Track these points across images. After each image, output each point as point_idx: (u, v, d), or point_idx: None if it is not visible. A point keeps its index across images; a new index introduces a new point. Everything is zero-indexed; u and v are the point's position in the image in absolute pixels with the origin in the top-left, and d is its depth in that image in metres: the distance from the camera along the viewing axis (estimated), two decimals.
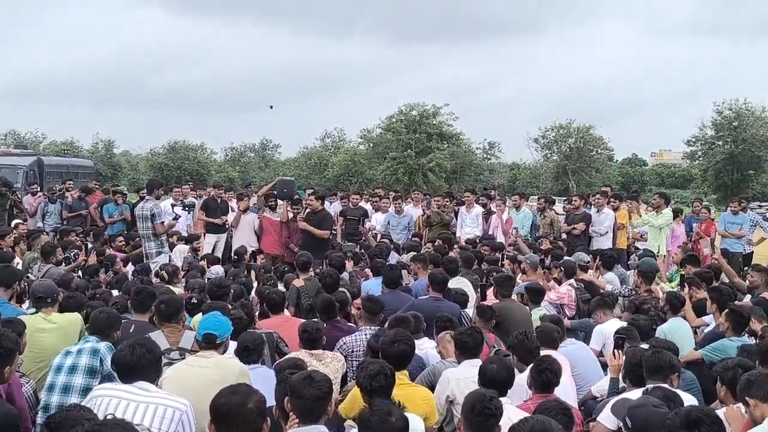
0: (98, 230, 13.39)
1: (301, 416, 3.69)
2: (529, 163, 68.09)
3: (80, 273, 9.54)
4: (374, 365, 4.47)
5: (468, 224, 13.72)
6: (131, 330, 5.72)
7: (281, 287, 8.63)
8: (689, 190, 61.44)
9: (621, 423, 4.16)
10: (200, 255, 11.71)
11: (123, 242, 12.00)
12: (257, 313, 7.37)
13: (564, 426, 3.81)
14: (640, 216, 13.38)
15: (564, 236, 12.94)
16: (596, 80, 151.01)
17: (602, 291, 8.36)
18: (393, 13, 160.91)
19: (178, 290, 8.10)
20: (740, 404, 4.43)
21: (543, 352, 5.59)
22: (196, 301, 6.74)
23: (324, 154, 63.58)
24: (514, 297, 8.03)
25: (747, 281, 8.80)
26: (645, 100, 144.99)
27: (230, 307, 6.45)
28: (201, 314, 5.84)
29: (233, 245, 12.48)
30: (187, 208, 13.66)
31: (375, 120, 58.30)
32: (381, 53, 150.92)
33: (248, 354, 5.26)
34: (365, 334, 6.35)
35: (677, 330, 6.91)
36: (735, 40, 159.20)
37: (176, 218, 12.06)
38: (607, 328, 7.02)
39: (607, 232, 12.65)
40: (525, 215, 13.82)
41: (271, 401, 3.95)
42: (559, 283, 9.25)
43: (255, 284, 9.07)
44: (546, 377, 4.90)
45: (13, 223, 12.68)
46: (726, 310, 6.43)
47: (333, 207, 14.89)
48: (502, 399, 4.17)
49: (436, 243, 11.30)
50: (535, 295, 8.06)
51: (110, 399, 4.07)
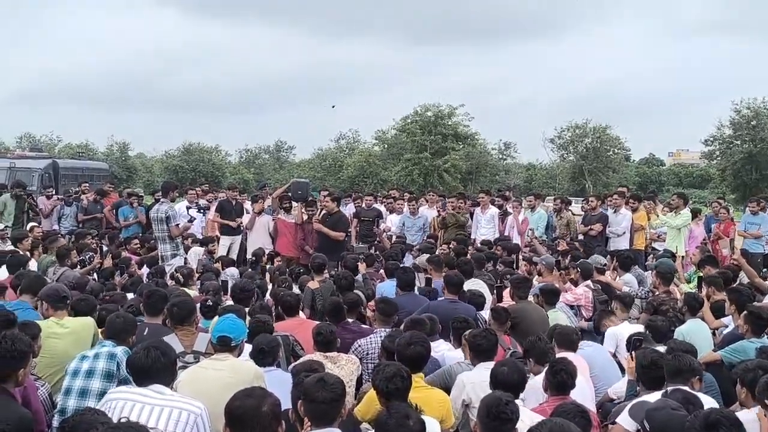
0: (113, 233, 13.45)
1: (315, 420, 3.69)
2: (546, 164, 67.79)
3: (95, 276, 9.58)
4: (390, 367, 4.46)
5: (483, 225, 13.68)
6: (145, 333, 5.73)
7: (296, 289, 8.64)
8: (707, 190, 60.97)
9: (639, 426, 4.13)
10: (215, 257, 11.73)
11: (138, 245, 12.06)
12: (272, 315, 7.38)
13: (582, 429, 3.79)
14: (658, 216, 13.33)
15: (581, 237, 12.91)
16: (613, 80, 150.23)
17: (618, 293, 8.31)
18: (409, 15, 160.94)
19: (193, 292, 8.14)
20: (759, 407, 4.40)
21: (562, 354, 5.58)
22: (212, 304, 6.75)
23: (338, 156, 63.51)
24: (531, 299, 8.00)
25: None
26: (662, 100, 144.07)
27: (246, 311, 6.45)
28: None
29: (248, 247, 12.51)
30: (202, 211, 13.74)
31: (390, 121, 58.34)
32: (396, 55, 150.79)
33: (263, 357, 5.26)
34: (380, 336, 6.32)
35: (696, 331, 6.86)
36: (753, 39, 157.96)
37: (191, 220, 12.11)
38: (620, 331, 7.03)
39: (625, 233, 12.62)
40: (540, 216, 13.80)
41: (287, 404, 3.94)
42: (576, 284, 9.23)
43: (270, 286, 9.08)
44: (561, 378, 4.87)
45: (28, 226, 12.76)
46: (744, 312, 6.38)
47: (348, 209, 14.89)
48: (515, 401, 4.15)
49: (452, 244, 11.28)
50: (550, 297, 8.03)
51: (125, 402, 4.08)
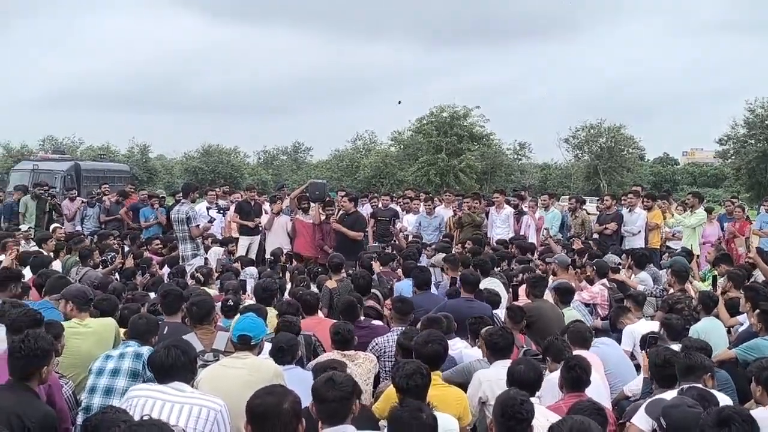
0: (135, 233, 13.54)
1: (327, 419, 3.70)
2: (560, 163, 67.45)
3: (117, 275, 9.64)
4: (410, 365, 4.49)
5: (498, 225, 13.65)
6: (165, 331, 5.77)
7: (314, 288, 8.67)
8: (721, 189, 60.52)
9: (655, 423, 4.11)
10: (234, 257, 11.78)
11: (159, 245, 12.12)
12: None
13: (598, 425, 3.77)
14: (672, 215, 13.27)
15: (596, 236, 12.87)
16: (627, 79, 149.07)
17: (632, 291, 8.28)
18: (425, 19, 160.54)
19: (213, 291, 8.18)
20: None
21: (576, 352, 5.56)
22: (233, 303, 6.77)
23: (355, 157, 63.50)
24: (548, 297, 7.99)
25: None
26: (676, 99, 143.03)
27: (266, 310, 6.47)
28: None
29: (267, 247, 12.54)
30: (222, 211, 13.80)
31: (405, 122, 58.29)
32: (413, 57, 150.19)
33: (282, 355, 5.27)
34: (396, 335, 6.33)
35: (710, 329, 6.82)
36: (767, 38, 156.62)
37: (211, 221, 12.17)
38: (637, 329, 6.99)
39: (640, 232, 12.59)
40: (554, 215, 13.76)
41: (307, 402, 3.96)
42: (592, 283, 9.20)
43: (289, 285, 9.10)
44: (575, 374, 4.87)
45: (51, 227, 12.87)
46: (758, 311, 6.34)
47: (364, 209, 14.91)
48: (531, 399, 4.14)
49: (467, 244, 11.27)
50: (564, 295, 8.00)
51: (146, 399, 4.11)
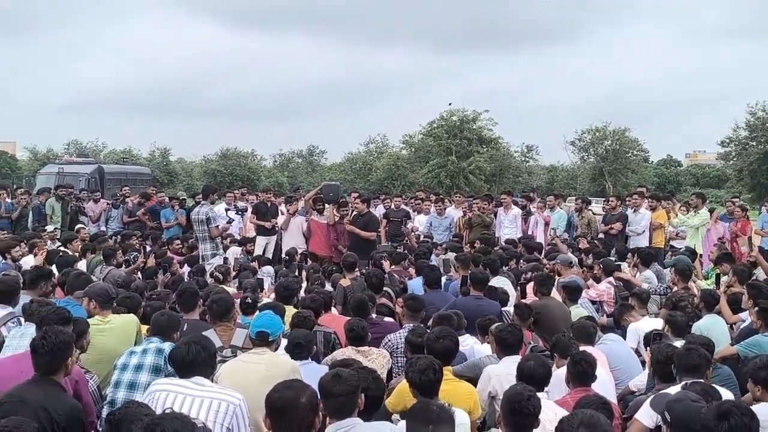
0: (156, 234, 13.60)
1: (335, 413, 3.72)
2: (567, 165, 67.28)
3: (140, 274, 9.68)
4: (423, 360, 4.49)
5: (506, 225, 13.68)
6: (184, 328, 5.79)
7: (329, 287, 8.69)
8: (723, 190, 60.25)
9: (659, 417, 4.10)
10: (252, 256, 11.82)
11: (180, 245, 12.17)
12: None
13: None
14: (677, 215, 13.23)
15: (601, 236, 12.85)
16: (631, 84, 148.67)
17: (636, 289, 8.26)
18: (435, 26, 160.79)
19: (232, 289, 8.21)
20: None
21: (580, 348, 5.56)
22: (251, 301, 6.80)
23: (368, 159, 63.55)
24: (556, 295, 8.00)
25: None
26: (679, 102, 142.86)
27: (284, 308, 6.49)
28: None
29: (283, 247, 12.57)
30: (240, 212, 13.85)
31: (417, 126, 58.32)
32: (423, 63, 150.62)
33: (300, 350, 5.30)
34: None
35: (713, 326, 6.80)
36: None
37: (230, 222, 12.20)
38: (641, 326, 7.00)
39: (644, 232, 12.58)
40: (560, 215, 13.77)
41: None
42: (598, 281, 9.21)
43: (305, 284, 9.12)
44: (581, 368, 4.88)
45: (76, 228, 12.95)
46: (757, 308, 6.32)
47: (377, 210, 14.92)
48: (539, 394, 4.14)
49: (476, 244, 11.27)
50: (572, 293, 8.02)
51: (167, 393, 4.12)
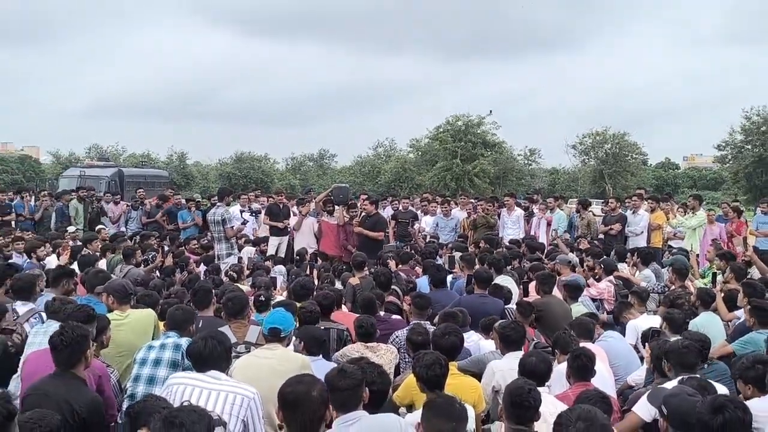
0: (174, 234, 13.65)
1: (341, 407, 3.73)
2: (568, 168, 67.00)
3: (158, 273, 9.73)
4: (430, 356, 4.52)
5: (509, 226, 13.69)
6: (200, 325, 5.83)
7: (338, 285, 8.71)
8: (720, 192, 60.04)
9: (657, 411, 4.10)
10: (265, 256, 11.85)
11: (197, 245, 12.21)
12: None
13: (603, 413, 3.77)
14: (675, 216, 13.24)
15: (601, 236, 12.85)
16: (631, 89, 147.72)
17: (635, 288, 8.26)
18: (441, 34, 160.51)
19: (245, 287, 8.23)
20: None
21: (580, 344, 5.56)
22: (264, 299, 6.83)
23: (376, 163, 63.53)
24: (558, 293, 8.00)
25: None
26: (677, 107, 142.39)
27: (297, 305, 6.51)
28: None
29: (295, 247, 12.60)
30: (254, 214, 13.89)
31: (423, 130, 58.25)
32: (430, 70, 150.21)
33: (315, 348, 5.36)
34: None
35: (708, 323, 6.79)
36: (763, 49, 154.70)
37: (244, 223, 12.24)
38: (640, 323, 7.01)
39: (643, 232, 12.59)
40: (560, 216, 13.76)
41: None
42: (599, 280, 9.23)
43: (316, 282, 9.15)
44: (581, 362, 4.90)
45: (97, 229, 13.03)
46: (749, 306, 6.32)
47: (386, 211, 14.94)
48: (541, 389, 4.15)
49: (481, 244, 11.27)
50: (573, 291, 8.03)
51: (185, 387, 4.14)
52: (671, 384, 4.48)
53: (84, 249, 10.14)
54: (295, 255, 11.81)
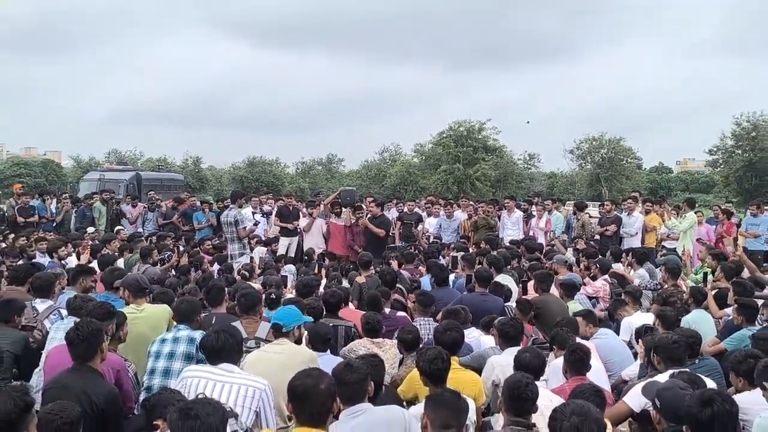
0: (189, 235, 13.68)
1: (348, 400, 3.75)
2: (566, 172, 66.85)
3: (174, 272, 9.75)
4: (432, 351, 4.53)
5: (509, 227, 13.69)
6: (213, 321, 5.85)
7: (345, 283, 8.72)
8: (711, 195, 59.87)
9: (647, 403, 4.11)
10: (276, 256, 11.86)
11: (210, 245, 12.23)
12: None
13: (597, 406, 3.78)
14: (670, 218, 13.25)
15: (597, 237, 12.87)
16: (626, 96, 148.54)
17: (629, 287, 8.26)
18: (445, 43, 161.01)
19: (257, 286, 8.25)
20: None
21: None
22: (275, 297, 6.85)
23: (382, 167, 63.46)
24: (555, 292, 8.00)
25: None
26: (670, 113, 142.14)
27: (305, 303, 6.53)
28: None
29: (304, 247, 12.62)
30: (265, 215, 13.90)
31: (427, 136, 58.24)
32: (434, 78, 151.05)
33: (323, 345, 5.39)
34: (419, 325, 6.44)
35: (700, 320, 6.78)
36: (753, 57, 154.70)
37: (256, 224, 12.25)
38: (634, 321, 7.01)
39: (637, 233, 12.60)
40: (557, 218, 13.75)
41: None
42: (595, 279, 9.23)
43: (324, 281, 9.16)
44: (577, 356, 4.92)
45: (115, 230, 13.08)
46: (735, 305, 6.31)
47: (391, 213, 14.95)
48: (538, 383, 4.15)
49: (481, 244, 11.27)
50: (569, 290, 8.04)
51: (199, 379, 4.16)
52: (663, 377, 4.49)
53: (103, 249, 10.19)
54: (304, 255, 11.83)
